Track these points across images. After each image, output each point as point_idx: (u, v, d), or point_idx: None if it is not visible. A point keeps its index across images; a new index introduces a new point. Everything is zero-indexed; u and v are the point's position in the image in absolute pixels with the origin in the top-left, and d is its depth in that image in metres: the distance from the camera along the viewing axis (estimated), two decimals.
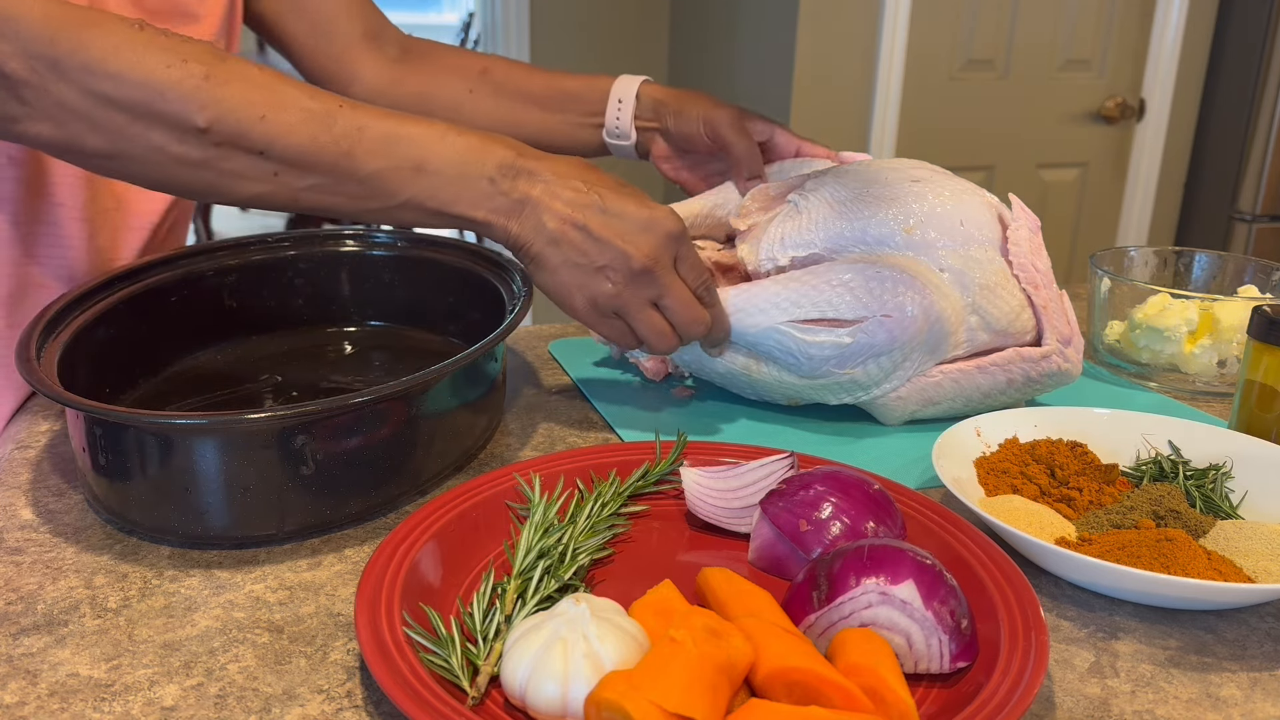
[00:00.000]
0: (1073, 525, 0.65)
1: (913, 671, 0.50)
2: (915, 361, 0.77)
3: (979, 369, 0.79)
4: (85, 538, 0.62)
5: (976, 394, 0.80)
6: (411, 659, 0.47)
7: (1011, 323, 0.79)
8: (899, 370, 0.77)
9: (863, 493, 0.59)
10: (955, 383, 0.79)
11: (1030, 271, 0.80)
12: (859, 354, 0.76)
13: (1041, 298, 0.80)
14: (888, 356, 0.76)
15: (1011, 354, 0.79)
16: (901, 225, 0.79)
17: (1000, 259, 0.80)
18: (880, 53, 2.37)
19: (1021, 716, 0.44)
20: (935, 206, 0.79)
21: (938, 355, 0.78)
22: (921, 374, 0.78)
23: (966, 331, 0.79)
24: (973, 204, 0.80)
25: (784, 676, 0.46)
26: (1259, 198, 2.59)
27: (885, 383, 0.78)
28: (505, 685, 0.47)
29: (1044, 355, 0.80)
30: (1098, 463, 0.71)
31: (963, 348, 0.79)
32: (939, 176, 0.83)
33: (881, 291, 0.75)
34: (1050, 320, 0.80)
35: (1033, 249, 0.80)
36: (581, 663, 0.46)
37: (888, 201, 0.80)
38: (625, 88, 0.95)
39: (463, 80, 0.98)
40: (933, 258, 0.78)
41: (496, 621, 0.51)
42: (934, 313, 0.76)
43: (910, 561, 0.50)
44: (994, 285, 0.79)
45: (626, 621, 0.48)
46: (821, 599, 0.51)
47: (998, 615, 0.52)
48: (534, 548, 0.56)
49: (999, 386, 0.80)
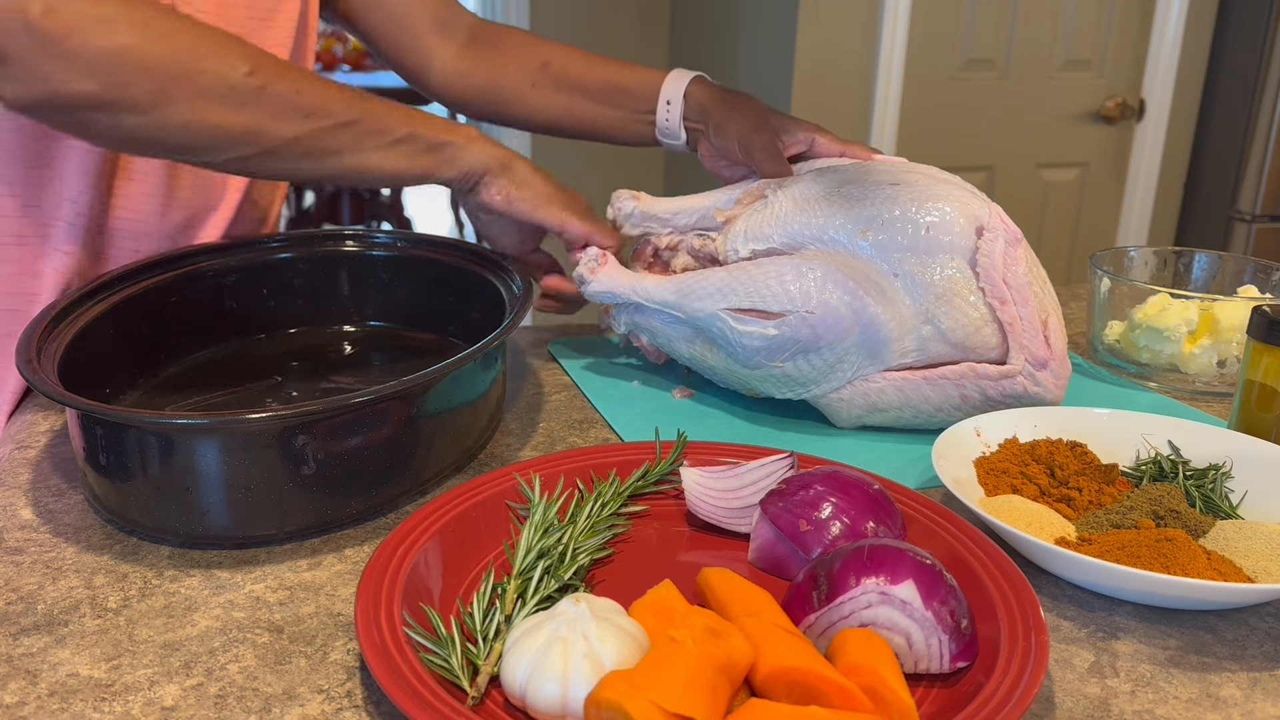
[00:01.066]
0: (1072, 525, 0.65)
1: (913, 671, 0.50)
2: (853, 364, 0.77)
3: (926, 380, 0.77)
4: (85, 538, 0.62)
5: (926, 406, 0.78)
6: (411, 659, 0.48)
7: (970, 336, 0.76)
8: (836, 371, 0.77)
9: (863, 493, 0.59)
10: (900, 391, 0.78)
11: (997, 285, 0.76)
12: (784, 347, 0.76)
13: (1008, 314, 0.76)
14: (816, 354, 0.76)
15: (965, 368, 0.77)
16: (859, 227, 0.78)
17: (968, 270, 0.76)
18: (880, 53, 2.37)
19: (1021, 716, 0.44)
20: (902, 211, 0.77)
21: (881, 360, 0.77)
22: (863, 378, 0.78)
23: (916, 340, 0.77)
24: (946, 211, 0.77)
25: (784, 676, 0.46)
26: (1259, 198, 2.59)
27: (824, 382, 0.78)
28: (505, 685, 0.47)
29: (1004, 375, 0.76)
30: (1097, 463, 0.71)
31: (912, 356, 0.77)
32: (925, 180, 0.81)
33: (810, 288, 0.75)
34: (1018, 338, 0.76)
35: (1006, 262, 0.76)
36: (581, 662, 0.46)
37: (853, 202, 0.80)
38: (674, 88, 0.96)
39: (525, 73, 1.01)
40: (888, 262, 0.77)
41: (496, 621, 0.51)
42: (866, 316, 0.75)
43: (910, 561, 0.50)
44: (950, 295, 0.76)
45: (626, 621, 0.48)
46: (821, 599, 0.51)
47: (998, 615, 0.52)
48: (534, 548, 0.56)
49: (951, 401, 0.78)
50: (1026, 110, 2.58)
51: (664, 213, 0.89)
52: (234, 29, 0.87)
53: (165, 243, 0.87)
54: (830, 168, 0.87)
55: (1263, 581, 0.59)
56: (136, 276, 0.79)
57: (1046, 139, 2.63)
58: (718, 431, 0.80)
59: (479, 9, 3.10)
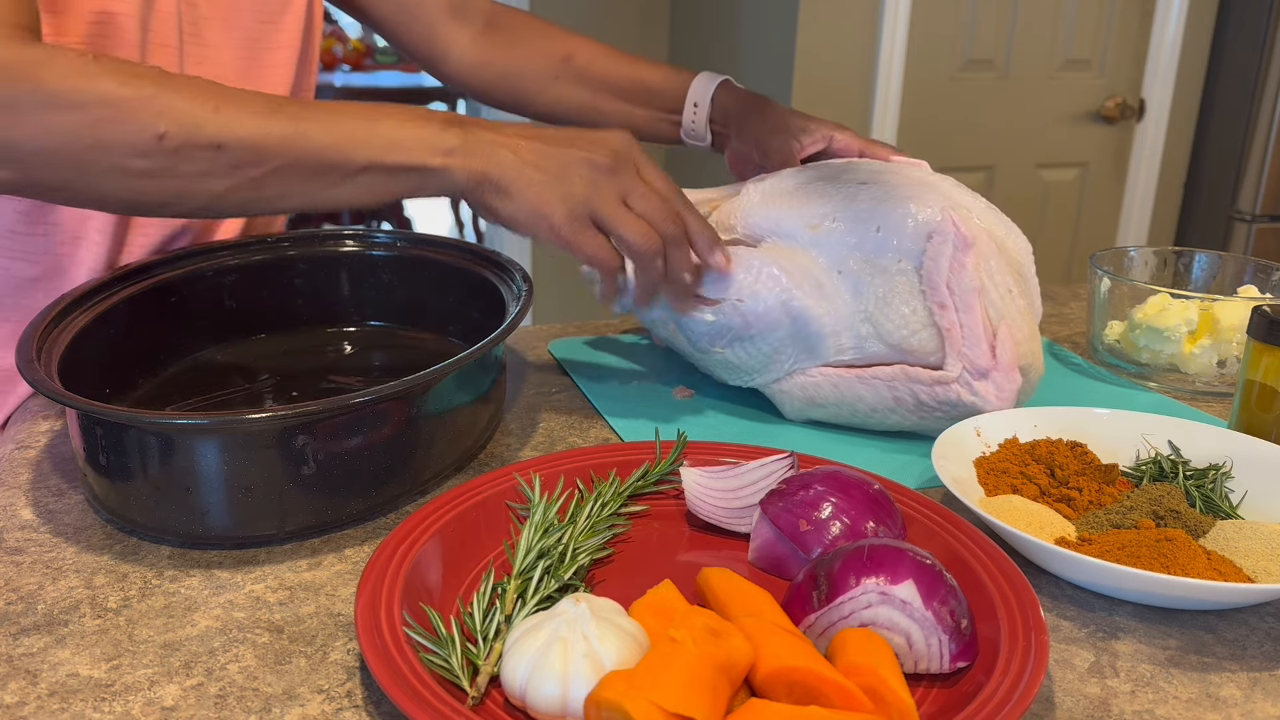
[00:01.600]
0: (1072, 525, 0.65)
1: (913, 671, 0.50)
2: (790, 356, 0.79)
3: (859, 378, 0.78)
4: (85, 538, 0.62)
5: (861, 405, 0.78)
6: (411, 659, 0.47)
7: (906, 339, 0.76)
8: (774, 361, 0.79)
9: (863, 493, 0.59)
10: (835, 387, 0.78)
11: (939, 290, 0.75)
12: (721, 334, 0.78)
13: (946, 319, 0.75)
14: (750, 343, 0.78)
15: (897, 370, 0.77)
16: (809, 222, 0.79)
17: (913, 273, 0.76)
18: (880, 53, 2.37)
19: (1021, 716, 0.44)
20: (857, 210, 0.78)
21: (817, 355, 0.78)
22: (801, 370, 0.79)
23: (853, 338, 0.78)
24: (899, 213, 0.77)
25: (784, 676, 0.46)
26: (1259, 197, 2.59)
27: (765, 371, 0.80)
28: (505, 685, 0.47)
29: (937, 380, 0.75)
30: (1097, 463, 0.71)
31: (849, 353, 0.78)
32: (897, 181, 0.80)
33: (745, 278, 0.77)
34: (955, 345, 0.75)
35: (952, 267, 0.75)
36: (581, 662, 0.46)
37: (815, 198, 0.81)
38: (702, 91, 0.96)
39: (548, 64, 1.00)
40: (834, 258, 0.78)
41: (496, 621, 0.51)
42: (795, 308, 0.76)
43: (910, 561, 0.50)
44: (890, 296, 0.76)
45: (626, 621, 0.48)
46: (821, 599, 0.51)
47: (998, 615, 0.52)
48: (534, 548, 0.56)
49: (885, 402, 0.77)
50: (1026, 110, 2.58)
51: None
52: (240, 34, 0.86)
53: (186, 232, 0.86)
54: (814, 165, 0.88)
55: (1263, 581, 0.59)
56: (136, 276, 0.79)
57: (1046, 139, 2.63)
58: (718, 431, 0.80)
59: None
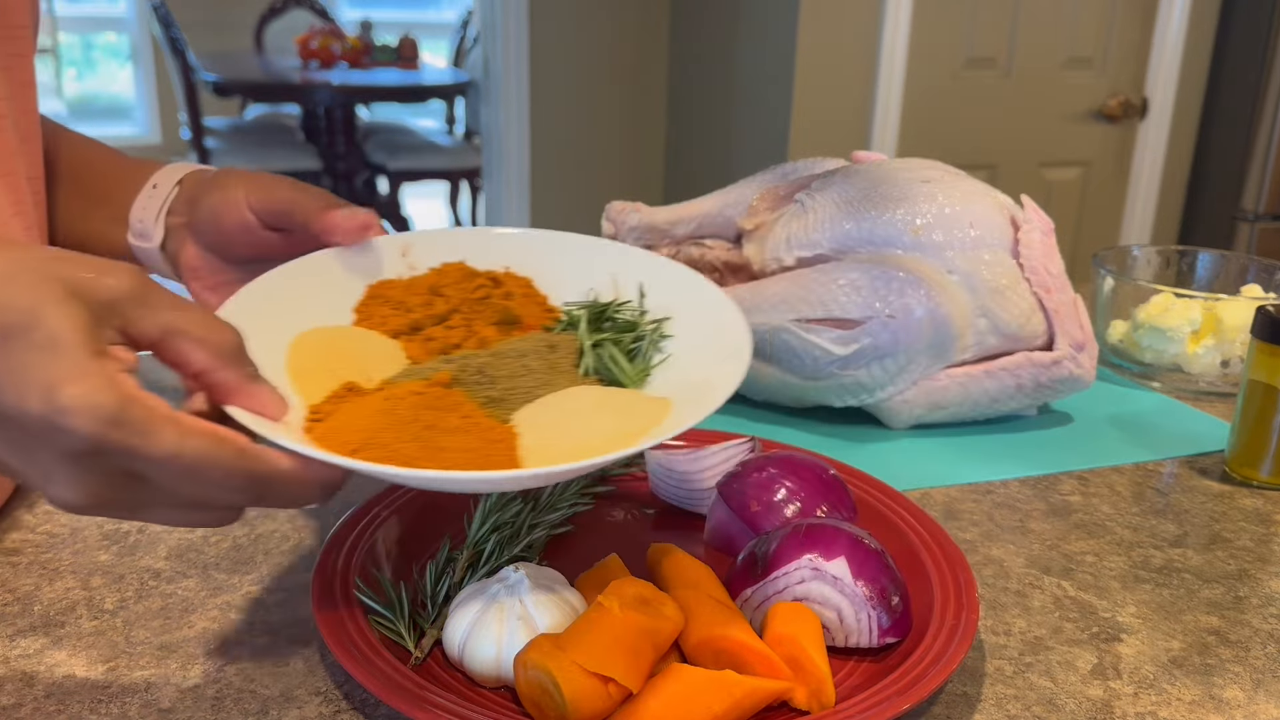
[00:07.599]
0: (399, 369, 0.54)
1: (844, 645, 0.52)
2: (921, 364, 0.77)
3: (986, 373, 0.78)
4: (82, 539, 0.62)
5: (984, 398, 0.79)
6: (362, 623, 0.50)
7: (1022, 326, 0.78)
8: (904, 373, 0.77)
9: (815, 476, 0.60)
10: (962, 387, 0.78)
11: (1042, 275, 0.78)
12: (863, 355, 0.75)
13: (1053, 301, 0.78)
14: (892, 359, 0.76)
15: (1021, 358, 0.78)
16: (909, 226, 0.78)
17: (1011, 261, 0.78)
18: (882, 52, 2.37)
19: (938, 689, 0.46)
20: (944, 207, 0.79)
21: (945, 358, 0.78)
22: (928, 377, 0.78)
23: (974, 335, 0.78)
24: (983, 205, 0.79)
25: (711, 644, 0.49)
26: (1262, 197, 2.58)
27: (890, 385, 0.78)
28: (445, 647, 0.50)
29: (1055, 360, 0.78)
30: (531, 300, 0.59)
31: (970, 351, 0.78)
32: (950, 177, 0.82)
33: (887, 292, 0.75)
34: (1062, 325, 0.78)
35: (1045, 251, 0.79)
36: (516, 625, 0.48)
37: (896, 202, 0.79)
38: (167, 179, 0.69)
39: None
40: (941, 259, 0.77)
41: (447, 588, 0.53)
42: (940, 315, 0.75)
43: (845, 539, 0.52)
44: (1004, 288, 0.77)
45: (569, 592, 0.51)
46: (759, 573, 0.53)
47: (934, 596, 0.54)
48: (488, 520, 0.58)
49: (1007, 391, 0.79)
50: (1029, 109, 2.58)
51: (663, 223, 0.89)
52: None
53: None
54: (846, 170, 0.86)
55: (533, 466, 0.47)
56: None
57: (1049, 138, 2.63)
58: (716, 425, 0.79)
59: (478, 7, 3.10)
